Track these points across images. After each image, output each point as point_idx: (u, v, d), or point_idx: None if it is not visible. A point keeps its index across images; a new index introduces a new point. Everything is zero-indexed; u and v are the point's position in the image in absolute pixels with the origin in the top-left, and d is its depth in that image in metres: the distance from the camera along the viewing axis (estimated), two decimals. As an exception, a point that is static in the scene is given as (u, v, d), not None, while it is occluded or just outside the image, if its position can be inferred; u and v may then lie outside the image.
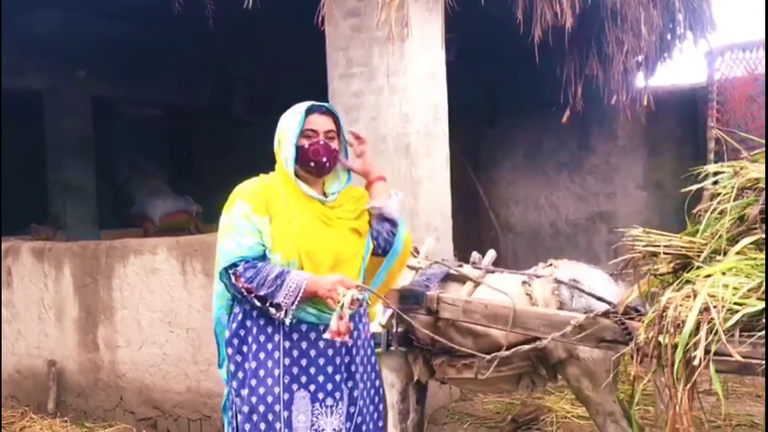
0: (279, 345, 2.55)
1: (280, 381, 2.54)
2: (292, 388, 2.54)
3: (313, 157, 2.59)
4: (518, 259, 7.85)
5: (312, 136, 2.60)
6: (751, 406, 4.61)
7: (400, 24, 4.22)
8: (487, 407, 4.88)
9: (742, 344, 2.05)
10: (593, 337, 2.65)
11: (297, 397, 2.54)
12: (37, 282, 5.34)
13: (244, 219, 2.53)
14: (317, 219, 2.61)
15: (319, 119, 2.62)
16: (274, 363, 2.54)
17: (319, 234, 2.59)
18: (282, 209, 2.56)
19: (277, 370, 2.54)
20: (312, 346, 2.57)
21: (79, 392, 5.21)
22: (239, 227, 2.52)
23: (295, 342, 2.56)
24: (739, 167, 2.53)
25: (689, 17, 6.19)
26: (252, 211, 2.54)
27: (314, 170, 2.62)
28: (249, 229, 2.52)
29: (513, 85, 7.66)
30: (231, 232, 2.54)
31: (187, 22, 5.23)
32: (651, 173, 7.65)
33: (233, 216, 2.55)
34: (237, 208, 2.55)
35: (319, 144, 2.59)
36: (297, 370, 2.55)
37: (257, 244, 2.51)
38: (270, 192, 2.59)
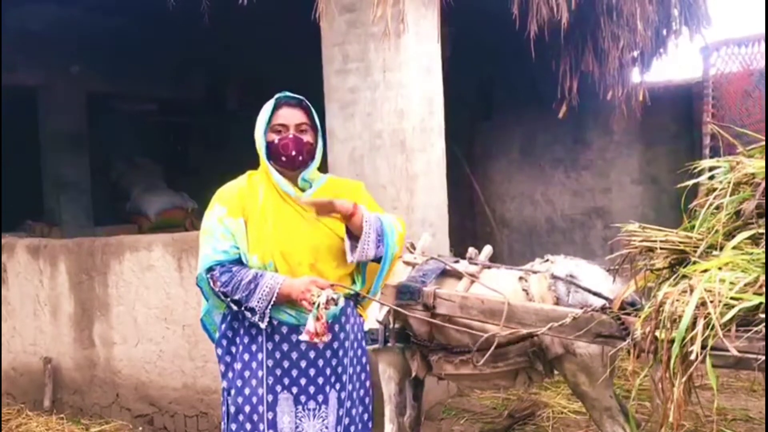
0: (262, 346, 2.54)
1: (263, 382, 2.53)
2: (276, 390, 2.53)
3: (283, 152, 2.56)
4: (514, 255, 7.86)
5: (281, 131, 2.57)
6: (746, 400, 4.63)
7: (395, 19, 4.21)
8: (484, 403, 4.89)
9: (738, 339, 2.05)
10: (590, 333, 2.66)
11: (281, 399, 2.53)
12: (32, 279, 5.33)
13: (219, 223, 2.53)
14: (295, 214, 2.57)
15: (288, 112, 2.58)
16: (258, 364, 2.54)
17: (296, 231, 2.55)
18: (258, 209, 2.55)
19: (261, 372, 2.53)
20: (293, 348, 2.55)
21: (75, 389, 5.20)
22: (214, 231, 2.53)
23: (277, 344, 2.54)
24: (735, 162, 2.54)
25: (685, 12, 6.19)
26: (226, 214, 2.54)
27: (287, 165, 2.58)
28: (223, 233, 2.51)
29: (508, 80, 7.67)
30: (207, 236, 2.54)
31: (182, 16, 5.20)
32: (646, 168, 7.66)
33: (210, 220, 2.56)
34: (214, 212, 2.56)
35: (288, 138, 2.56)
36: (280, 372, 2.54)
37: (231, 248, 2.50)
38: (247, 192, 2.59)
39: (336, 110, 4.59)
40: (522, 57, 5.29)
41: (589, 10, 5.57)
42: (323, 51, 4.63)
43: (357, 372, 2.73)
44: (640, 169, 7.69)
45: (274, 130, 2.57)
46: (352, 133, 4.56)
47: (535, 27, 4.79)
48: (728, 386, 4.85)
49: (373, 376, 3.52)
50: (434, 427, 4.45)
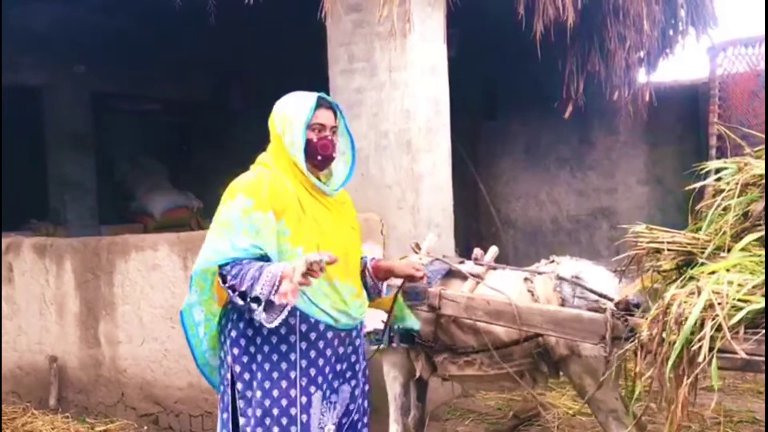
0: (295, 346, 2.47)
1: (296, 383, 2.46)
2: (309, 391, 2.48)
3: (322, 152, 2.55)
4: (519, 255, 7.85)
5: (321, 130, 2.56)
6: (752, 402, 4.61)
7: (401, 19, 4.20)
8: (489, 403, 4.88)
9: (746, 341, 2.04)
10: (596, 334, 2.65)
11: (314, 399, 2.49)
12: (38, 278, 5.34)
13: (244, 216, 2.39)
14: (325, 210, 2.57)
15: (326, 114, 2.59)
16: (290, 365, 2.46)
17: (330, 226, 2.55)
18: (294, 202, 2.47)
19: (294, 373, 2.46)
20: (328, 345, 2.52)
21: (81, 388, 5.21)
22: (236, 225, 2.39)
23: (312, 342, 2.49)
24: (743, 163, 2.53)
25: (691, 13, 6.17)
26: (254, 207, 2.40)
27: (321, 164, 2.58)
28: (246, 229, 2.38)
29: (514, 80, 7.65)
30: (227, 229, 2.41)
31: (186, 16, 5.21)
32: (652, 169, 7.64)
33: (232, 211, 2.42)
34: (237, 203, 2.42)
35: (327, 139, 2.56)
36: (314, 372, 2.49)
37: (252, 246, 2.37)
38: (276, 185, 2.48)
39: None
40: (527, 57, 5.28)
41: (595, 10, 5.56)
42: (329, 51, 4.63)
43: (363, 368, 2.75)
44: (646, 170, 7.68)
45: (312, 128, 2.54)
46: (358, 134, 4.53)
47: (541, 27, 4.78)
48: (734, 388, 4.84)
49: (377, 377, 3.53)
50: (439, 428, 4.45)
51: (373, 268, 2.75)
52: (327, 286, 2.49)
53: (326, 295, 2.48)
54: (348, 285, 2.56)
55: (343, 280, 2.54)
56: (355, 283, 2.62)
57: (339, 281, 2.51)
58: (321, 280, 2.41)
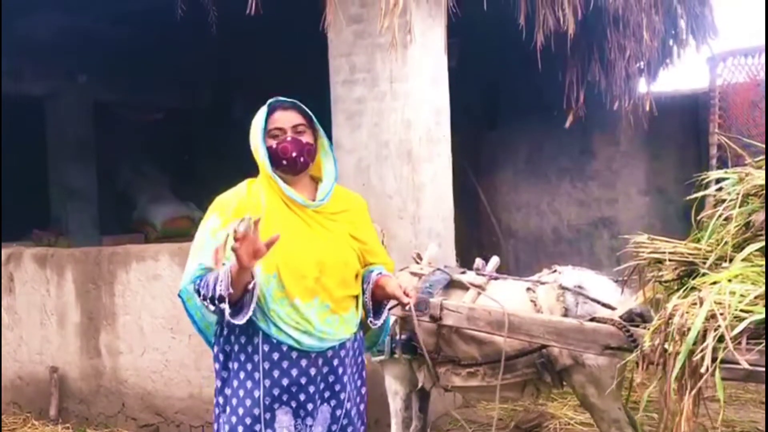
0: (258, 366, 2.44)
1: (260, 402, 2.44)
2: (273, 407, 2.45)
3: (282, 155, 2.46)
4: (520, 265, 7.84)
5: (278, 134, 2.47)
6: (755, 412, 4.59)
7: (402, 30, 4.21)
8: (490, 414, 4.86)
9: (749, 352, 2.04)
10: (598, 344, 2.65)
11: (278, 414, 2.45)
12: (39, 288, 5.34)
13: (211, 236, 2.43)
14: (301, 224, 2.47)
15: (283, 115, 2.49)
16: (255, 384, 2.44)
17: (302, 242, 2.45)
18: (261, 218, 2.33)
19: (258, 392, 2.44)
20: (294, 365, 2.45)
21: (81, 398, 5.20)
22: (204, 245, 2.43)
23: (275, 362, 2.44)
24: (744, 173, 2.53)
25: (691, 23, 6.19)
26: (220, 226, 2.43)
27: (288, 169, 2.48)
28: (213, 246, 2.39)
29: (515, 90, 7.67)
30: (197, 250, 2.46)
31: (189, 26, 5.23)
32: (653, 179, 7.64)
33: (203, 232, 2.47)
34: (208, 223, 2.48)
35: (286, 141, 2.46)
36: (278, 391, 2.45)
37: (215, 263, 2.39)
38: (247, 201, 2.47)
39: (342, 121, 4.60)
40: (528, 67, 5.30)
41: (595, 20, 5.58)
42: (330, 61, 4.64)
43: (357, 387, 2.65)
44: (647, 180, 7.68)
45: (270, 135, 2.47)
46: (359, 144, 4.56)
47: (541, 37, 4.80)
48: (737, 398, 4.82)
49: (379, 388, 3.52)
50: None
51: (374, 285, 2.58)
52: (288, 306, 2.41)
53: (287, 314, 2.40)
54: (316, 303, 2.44)
55: (307, 298, 2.42)
56: (330, 298, 2.47)
57: (300, 300, 2.41)
58: (281, 299, 2.39)
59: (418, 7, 4.41)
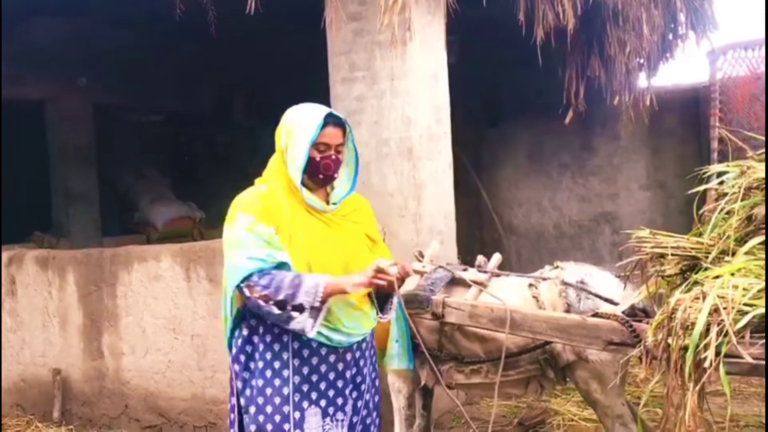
0: (288, 363, 2.48)
1: (290, 399, 2.46)
2: (302, 406, 2.48)
3: (324, 172, 2.53)
4: (522, 261, 7.84)
5: (324, 150, 2.53)
6: (758, 406, 4.58)
7: (402, 27, 4.20)
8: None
9: (753, 346, 2.03)
10: (601, 340, 2.64)
11: (308, 415, 2.48)
12: (41, 290, 5.33)
13: (249, 232, 2.41)
14: (323, 227, 2.55)
15: (332, 132, 2.55)
16: (283, 381, 2.47)
17: (326, 244, 2.53)
18: (286, 219, 2.47)
19: (287, 389, 2.46)
20: (323, 361, 2.51)
21: (84, 400, 5.20)
22: (244, 241, 2.41)
23: (305, 359, 2.49)
24: (746, 167, 2.52)
25: (691, 17, 6.17)
26: (256, 222, 2.43)
27: (320, 182, 2.58)
28: (255, 241, 2.40)
29: (515, 86, 7.66)
30: (236, 247, 2.42)
31: (189, 28, 5.22)
32: (654, 173, 7.63)
33: (236, 230, 2.44)
34: (239, 222, 2.44)
35: (330, 159, 2.53)
36: (307, 387, 2.49)
37: (268, 255, 2.39)
38: (270, 202, 2.49)
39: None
40: (528, 63, 5.28)
41: (595, 15, 5.56)
42: (329, 60, 4.63)
43: (373, 378, 2.73)
44: (648, 175, 7.66)
45: (317, 147, 2.51)
46: (359, 141, 4.49)
47: (541, 33, 4.78)
48: (740, 392, 4.81)
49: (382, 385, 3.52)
50: (444, 436, 4.43)
51: None
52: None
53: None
54: (342, 300, 2.50)
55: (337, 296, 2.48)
56: (354, 295, 2.54)
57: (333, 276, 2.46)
58: None
59: (418, 4, 4.39)
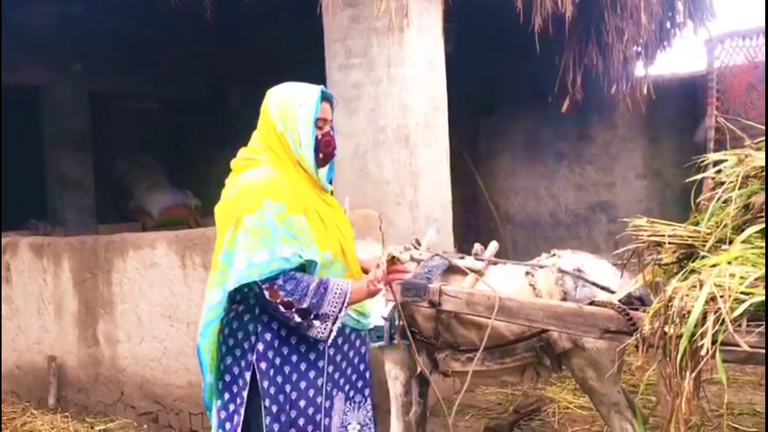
0: (324, 353, 2.41)
1: (323, 390, 2.41)
2: (332, 395, 2.44)
3: (325, 149, 2.43)
4: (518, 250, 7.84)
5: (323, 126, 2.43)
6: (752, 394, 4.61)
7: (399, 14, 4.19)
8: (489, 398, 4.88)
9: (749, 334, 2.03)
10: (597, 328, 2.63)
11: (336, 401, 2.45)
12: (36, 277, 5.32)
13: (279, 223, 2.23)
14: (330, 209, 2.47)
15: (327, 107, 2.46)
16: (318, 372, 2.40)
17: (342, 225, 2.48)
18: (311, 202, 2.36)
19: (321, 380, 2.41)
20: (351, 346, 2.51)
21: (80, 387, 5.20)
22: (273, 233, 2.21)
23: (339, 346, 2.46)
24: (743, 155, 2.51)
25: (689, 5, 6.15)
26: (287, 212, 2.25)
27: (322, 161, 2.45)
28: (285, 236, 2.22)
29: (512, 75, 7.64)
30: (263, 238, 2.20)
31: (184, 15, 5.19)
32: (651, 162, 7.63)
33: (264, 218, 2.21)
34: (268, 209, 2.22)
35: (330, 135, 2.45)
36: (339, 375, 2.46)
37: (294, 255, 2.23)
38: (294, 185, 2.34)
39: (339, 106, 4.54)
40: (525, 52, 5.27)
41: (592, 3, 5.54)
42: (326, 46, 4.61)
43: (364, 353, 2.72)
44: (645, 164, 7.66)
45: (316, 124, 2.41)
46: (356, 129, 4.54)
47: (539, 21, 4.76)
48: (735, 380, 4.83)
49: (379, 373, 3.52)
50: (440, 424, 4.43)
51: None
52: None
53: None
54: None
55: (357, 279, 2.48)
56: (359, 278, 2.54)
57: (355, 281, 2.43)
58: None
59: (414, -9, 4.37)
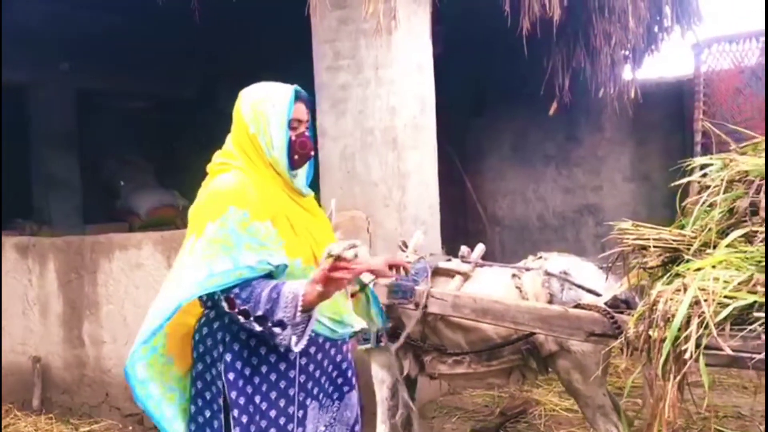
0: (295, 363, 2.31)
1: (295, 400, 2.32)
2: (306, 404, 2.35)
3: (300, 150, 2.32)
4: (506, 252, 7.85)
5: (297, 127, 2.34)
6: (737, 397, 4.63)
7: (387, 16, 4.18)
8: (476, 401, 4.88)
9: (732, 338, 2.04)
10: (583, 331, 2.64)
11: (309, 410, 2.37)
12: (21, 278, 5.28)
13: (243, 230, 2.14)
14: (305, 213, 2.38)
15: (301, 107, 2.37)
16: (289, 382, 2.31)
17: (317, 230, 2.38)
18: (281, 207, 2.27)
19: (292, 389, 2.31)
20: (326, 355, 2.40)
21: (65, 389, 5.16)
22: (236, 241, 2.13)
23: (312, 356, 2.35)
24: (728, 159, 2.53)
25: (676, 9, 6.18)
26: (251, 218, 2.16)
27: (297, 163, 2.34)
28: (250, 243, 2.14)
29: (501, 77, 7.65)
30: (225, 246, 2.12)
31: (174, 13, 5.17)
32: (638, 165, 7.66)
33: (227, 227, 2.14)
34: (230, 216, 2.15)
35: (305, 136, 2.35)
36: (311, 384, 2.37)
37: (260, 262, 2.14)
38: (262, 189, 2.26)
39: (327, 107, 4.56)
40: (514, 54, 5.28)
41: (580, 6, 5.56)
42: (314, 47, 4.60)
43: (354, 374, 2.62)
44: (632, 167, 7.69)
45: (290, 125, 2.32)
46: (344, 131, 4.53)
47: (527, 24, 4.76)
48: (720, 383, 4.86)
49: (365, 375, 3.52)
50: (426, 426, 4.43)
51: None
52: None
53: (324, 305, 2.21)
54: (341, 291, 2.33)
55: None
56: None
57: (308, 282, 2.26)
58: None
59: (403, -7, 4.37)
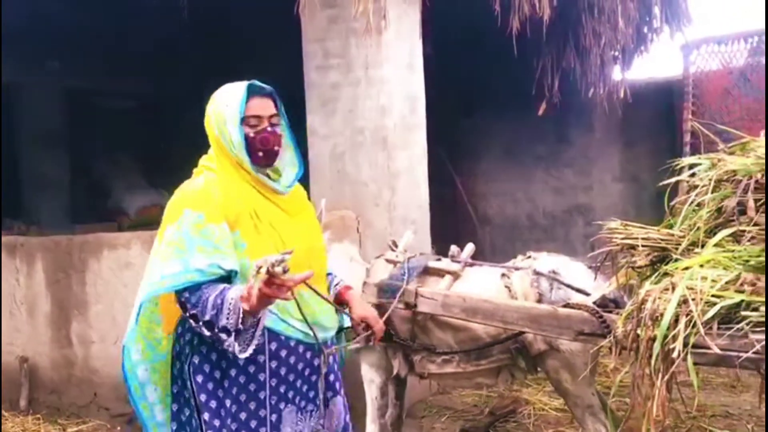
0: (264, 366, 2.29)
1: (266, 403, 2.29)
2: (279, 408, 2.32)
3: (262, 146, 2.28)
4: (496, 252, 7.85)
5: (257, 124, 2.29)
6: (725, 396, 4.66)
7: (377, 15, 4.18)
8: (465, 400, 4.88)
9: (720, 336, 2.05)
10: (572, 330, 2.65)
11: (285, 414, 2.33)
12: (8, 278, 5.24)
13: (196, 232, 2.15)
14: (282, 213, 2.34)
15: (261, 103, 2.31)
16: (259, 385, 2.29)
17: (290, 231, 2.33)
18: (246, 209, 2.25)
19: (263, 393, 2.29)
20: (300, 359, 2.36)
21: (53, 389, 5.13)
22: (189, 244, 2.14)
23: (283, 359, 2.32)
24: (716, 159, 2.54)
25: (665, 10, 6.21)
26: (206, 221, 2.16)
27: (264, 160, 2.31)
28: (203, 246, 2.14)
29: (491, 77, 7.65)
30: (177, 248, 2.15)
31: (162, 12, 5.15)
32: (627, 166, 7.69)
33: (182, 229, 2.16)
34: (186, 219, 2.17)
35: (266, 132, 2.30)
36: (285, 388, 2.33)
37: (209, 266, 2.13)
38: (227, 190, 2.25)
39: (317, 107, 4.56)
40: (504, 54, 5.28)
41: (570, 7, 5.57)
42: (304, 46, 4.60)
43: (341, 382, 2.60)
44: (621, 167, 7.72)
45: (246, 123, 2.28)
46: (334, 130, 4.53)
47: (517, 24, 4.77)
48: (708, 382, 4.88)
49: (355, 374, 3.51)
50: (416, 425, 4.44)
51: (339, 294, 2.58)
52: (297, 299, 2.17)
53: (296, 309, 2.19)
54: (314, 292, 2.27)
55: (308, 288, 2.22)
56: (322, 287, 2.41)
57: (305, 291, 2.21)
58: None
59: (393, -7, 4.37)
